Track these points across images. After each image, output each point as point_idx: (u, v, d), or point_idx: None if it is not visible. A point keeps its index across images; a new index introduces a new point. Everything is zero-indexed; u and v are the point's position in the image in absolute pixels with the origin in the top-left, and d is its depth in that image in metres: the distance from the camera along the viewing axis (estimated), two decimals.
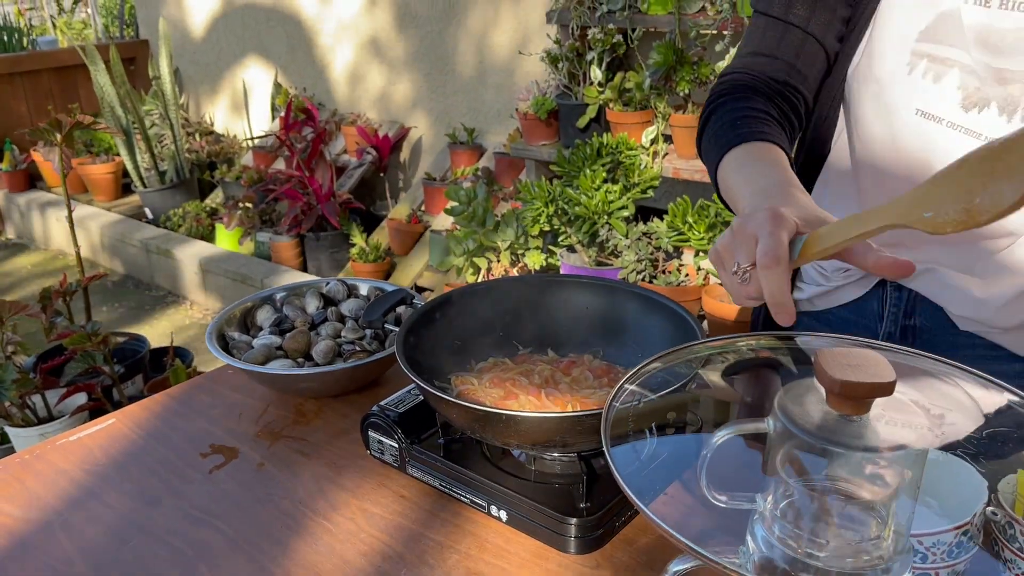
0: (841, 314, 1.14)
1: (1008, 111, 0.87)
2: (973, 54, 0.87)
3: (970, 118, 0.89)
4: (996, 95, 0.87)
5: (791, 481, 0.65)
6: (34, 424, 2.03)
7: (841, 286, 1.11)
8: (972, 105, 0.89)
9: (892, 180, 0.97)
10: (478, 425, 0.93)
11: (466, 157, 4.03)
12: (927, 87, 0.90)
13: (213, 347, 1.23)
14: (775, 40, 1.02)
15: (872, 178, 1.00)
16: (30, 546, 0.98)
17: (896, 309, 1.08)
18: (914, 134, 0.93)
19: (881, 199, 0.98)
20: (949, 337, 1.05)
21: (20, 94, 5.52)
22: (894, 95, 0.94)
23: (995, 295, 0.98)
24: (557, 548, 0.93)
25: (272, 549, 0.96)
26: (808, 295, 1.15)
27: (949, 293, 1.01)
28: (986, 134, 0.88)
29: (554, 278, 1.21)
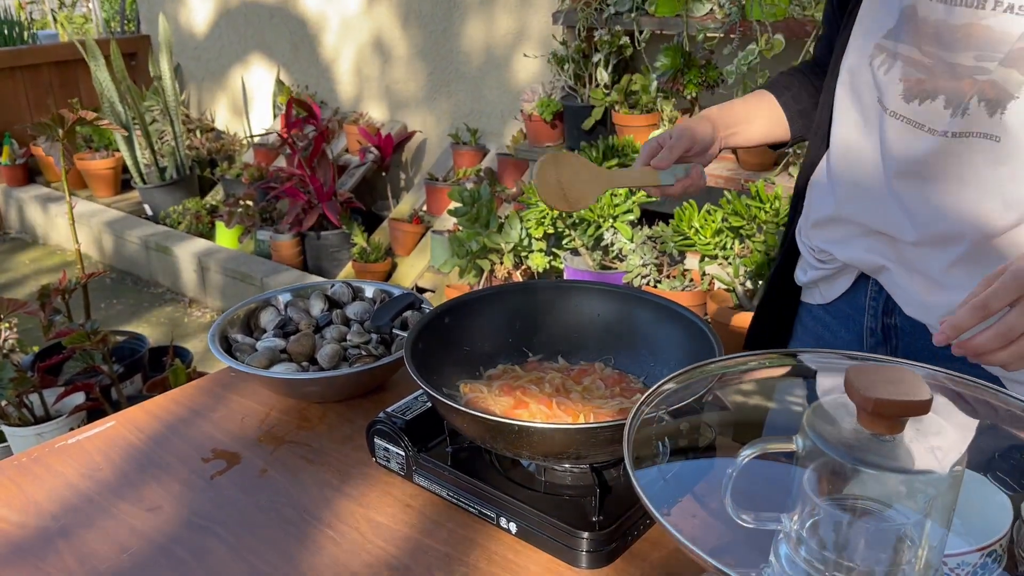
0: (842, 307, 1.15)
1: (954, 104, 0.90)
2: (926, 48, 0.91)
3: (911, 108, 0.93)
4: (945, 88, 0.90)
5: (819, 501, 0.62)
6: (31, 423, 2.01)
7: (834, 273, 1.12)
8: (914, 96, 0.93)
9: (848, 167, 1.04)
10: (489, 435, 0.91)
11: (469, 157, 4.01)
12: (880, 78, 0.97)
13: (216, 349, 1.21)
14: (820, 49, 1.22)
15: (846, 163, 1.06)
16: (27, 553, 0.96)
17: (876, 305, 1.09)
18: (874, 121, 1.00)
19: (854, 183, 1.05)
20: (928, 343, 1.03)
21: (20, 88, 5.49)
22: (860, 85, 1.01)
23: (941, 302, 0.99)
24: (568, 562, 0.91)
25: (275, 558, 0.94)
26: (812, 277, 1.16)
27: (900, 292, 1.04)
28: (928, 125, 0.92)
29: (565, 284, 1.19)
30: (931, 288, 1.00)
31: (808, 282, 1.18)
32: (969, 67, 0.89)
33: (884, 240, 1.03)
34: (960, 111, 0.90)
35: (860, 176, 1.04)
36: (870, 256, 1.05)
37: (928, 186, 0.96)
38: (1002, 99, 0.88)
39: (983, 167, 0.91)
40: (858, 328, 1.12)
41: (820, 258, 1.14)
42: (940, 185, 0.94)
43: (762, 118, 1.21)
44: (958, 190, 0.93)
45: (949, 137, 0.91)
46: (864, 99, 1.01)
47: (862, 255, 1.06)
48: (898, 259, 1.02)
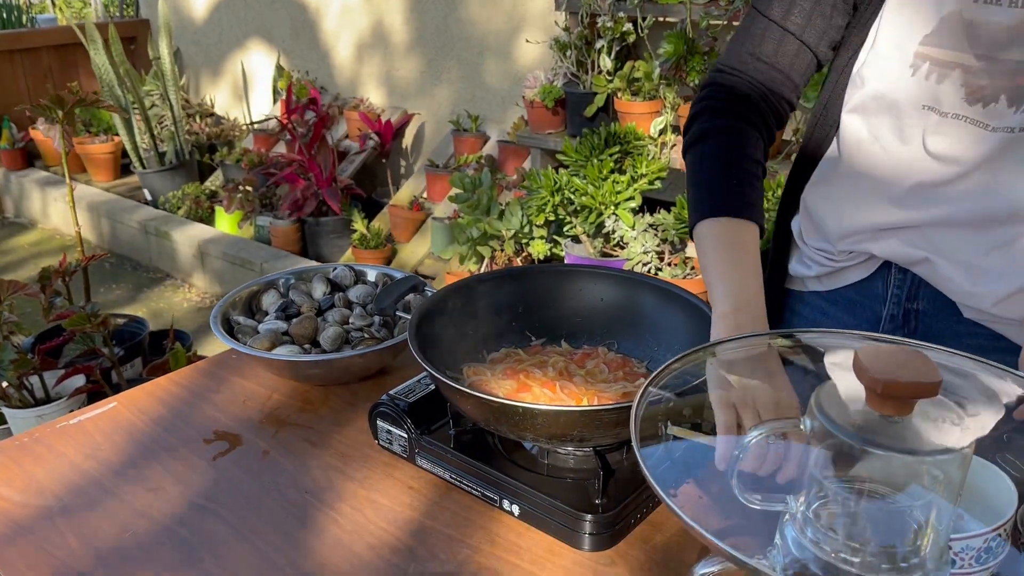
0: (847, 295, 1.14)
1: (1017, 102, 0.90)
2: (977, 52, 0.91)
3: (976, 110, 0.92)
4: (1004, 87, 0.90)
5: (826, 483, 0.62)
6: (31, 405, 2.00)
7: (847, 267, 1.11)
8: (977, 100, 0.92)
9: (899, 170, 1.00)
10: (493, 417, 0.91)
11: (469, 144, 3.99)
12: (931, 87, 0.94)
13: (218, 331, 1.21)
14: (773, 47, 1.06)
15: (880, 170, 1.03)
16: (28, 532, 0.95)
17: (900, 292, 1.08)
18: (920, 126, 0.97)
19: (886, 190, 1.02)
20: (951, 324, 1.05)
21: (19, 72, 5.46)
22: (899, 93, 0.97)
23: (990, 291, 0.99)
24: (571, 544, 0.91)
25: (278, 540, 0.94)
26: (816, 272, 1.15)
27: (946, 283, 1.03)
28: (993, 124, 0.92)
29: (568, 267, 1.18)
30: (975, 275, 1.00)
31: (810, 276, 1.17)
32: (1022, 62, 0.89)
33: (920, 233, 1.02)
34: (1020, 106, 0.90)
35: (885, 175, 1.01)
36: (908, 250, 1.04)
37: (980, 180, 0.96)
38: None
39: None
40: (867, 314, 1.11)
41: (835, 258, 1.12)
42: (993, 178, 0.95)
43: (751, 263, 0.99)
44: (1010, 183, 0.94)
45: (1016, 132, 0.91)
46: (904, 106, 0.98)
47: (900, 249, 1.04)
48: (935, 250, 1.02)
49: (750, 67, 1.07)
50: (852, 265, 1.11)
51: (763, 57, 1.07)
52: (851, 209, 1.07)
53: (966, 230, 0.99)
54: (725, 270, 0.96)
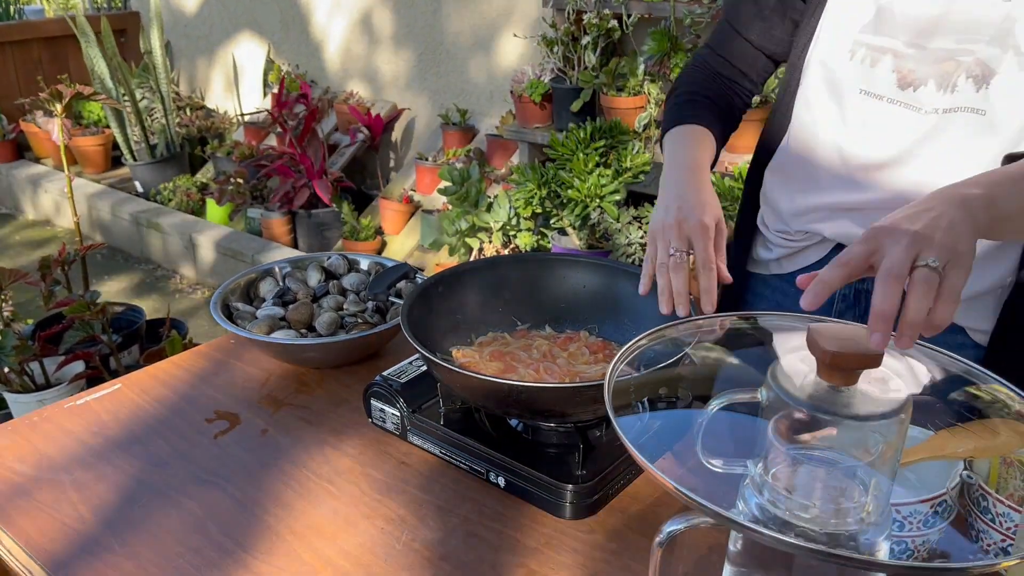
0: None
1: (944, 86, 0.99)
2: (908, 40, 1.01)
3: (907, 95, 1.02)
4: (933, 73, 1.00)
5: (781, 448, 0.69)
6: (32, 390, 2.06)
7: (804, 247, 1.19)
8: (907, 84, 1.02)
9: (842, 152, 1.10)
10: (481, 395, 0.97)
11: (458, 138, 4.05)
12: (866, 71, 1.05)
13: (218, 316, 1.26)
14: (730, 47, 1.26)
15: (824, 152, 1.13)
16: (42, 503, 1.01)
17: None
18: (859, 110, 1.07)
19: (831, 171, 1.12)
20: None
21: (9, 64, 5.47)
22: (840, 77, 1.07)
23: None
24: (553, 513, 0.97)
25: (278, 510, 1.00)
26: (776, 255, 1.23)
27: None
28: (924, 107, 1.01)
29: (553, 256, 1.25)
30: None
31: (772, 259, 1.25)
32: (952, 49, 0.98)
33: (866, 215, 1.10)
34: (949, 89, 0.99)
35: (834, 158, 1.11)
36: (856, 231, 1.11)
37: (919, 162, 1.04)
38: (987, 75, 0.97)
39: (971, 139, 1.00)
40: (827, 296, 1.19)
41: (793, 238, 1.20)
42: (931, 159, 1.03)
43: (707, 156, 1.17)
44: (946, 163, 1.02)
45: (940, 114, 1.00)
46: (844, 90, 1.07)
47: (849, 230, 1.12)
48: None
49: (711, 60, 1.28)
50: (809, 246, 1.19)
51: (722, 53, 1.26)
52: (802, 192, 1.16)
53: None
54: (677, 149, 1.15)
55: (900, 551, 0.86)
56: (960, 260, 0.70)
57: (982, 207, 0.75)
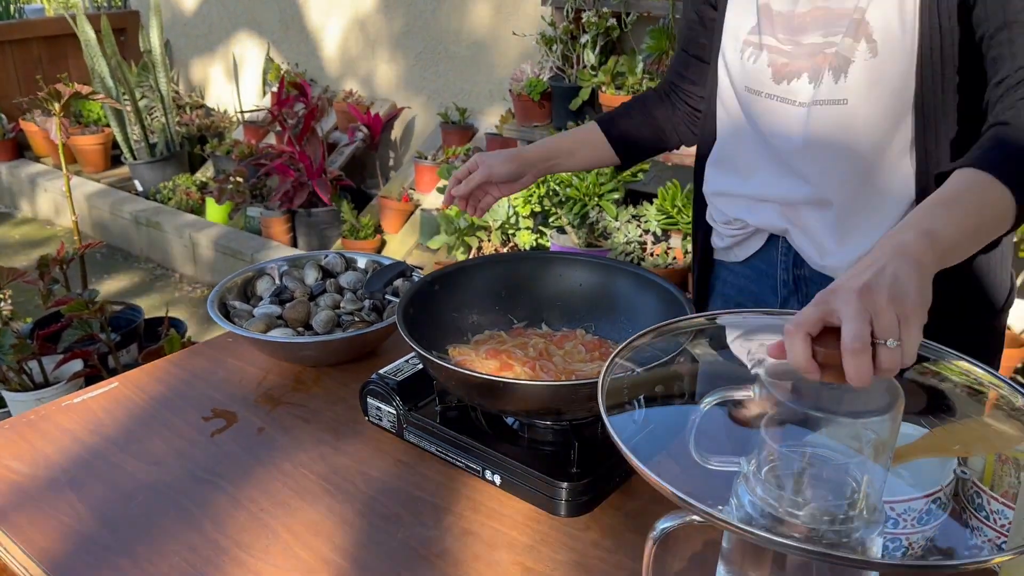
0: (755, 263, 1.27)
1: (815, 78, 1.05)
2: (782, 36, 1.08)
3: (782, 88, 1.08)
4: (806, 67, 1.06)
5: (774, 445, 0.69)
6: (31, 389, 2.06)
7: (748, 236, 1.25)
8: (782, 78, 1.08)
9: (733, 143, 1.20)
10: (476, 393, 0.97)
11: (458, 137, 4.05)
12: (749, 67, 1.12)
13: (215, 315, 1.27)
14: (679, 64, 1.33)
15: (728, 146, 1.22)
16: (39, 501, 1.01)
17: (787, 259, 1.22)
18: (745, 106, 1.15)
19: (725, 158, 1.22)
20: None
21: (8, 63, 5.47)
22: (733, 77, 1.15)
23: (836, 266, 1.13)
24: (548, 511, 0.98)
25: (275, 508, 1.00)
26: (727, 244, 1.29)
27: (803, 251, 1.18)
28: (798, 99, 1.07)
29: (549, 255, 1.25)
30: (822, 251, 1.14)
31: (725, 247, 1.30)
32: (820, 44, 1.04)
33: (779, 207, 1.17)
34: (817, 82, 1.05)
35: (748, 153, 1.18)
36: (774, 220, 1.18)
37: (801, 155, 1.10)
38: (844, 66, 1.03)
39: (837, 131, 1.06)
40: (772, 281, 1.25)
41: (734, 225, 1.25)
42: (810, 153, 1.09)
43: (586, 150, 1.35)
44: (821, 156, 1.08)
45: (811, 106, 1.06)
46: (740, 87, 1.14)
47: (769, 219, 1.19)
48: (793, 222, 1.16)
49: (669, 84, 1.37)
50: (751, 235, 1.24)
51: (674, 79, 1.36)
52: (729, 184, 1.23)
53: (805, 207, 1.13)
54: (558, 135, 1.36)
55: (894, 548, 0.86)
56: (911, 314, 0.69)
57: (923, 249, 0.75)
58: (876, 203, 1.08)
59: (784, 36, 1.08)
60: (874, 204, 1.08)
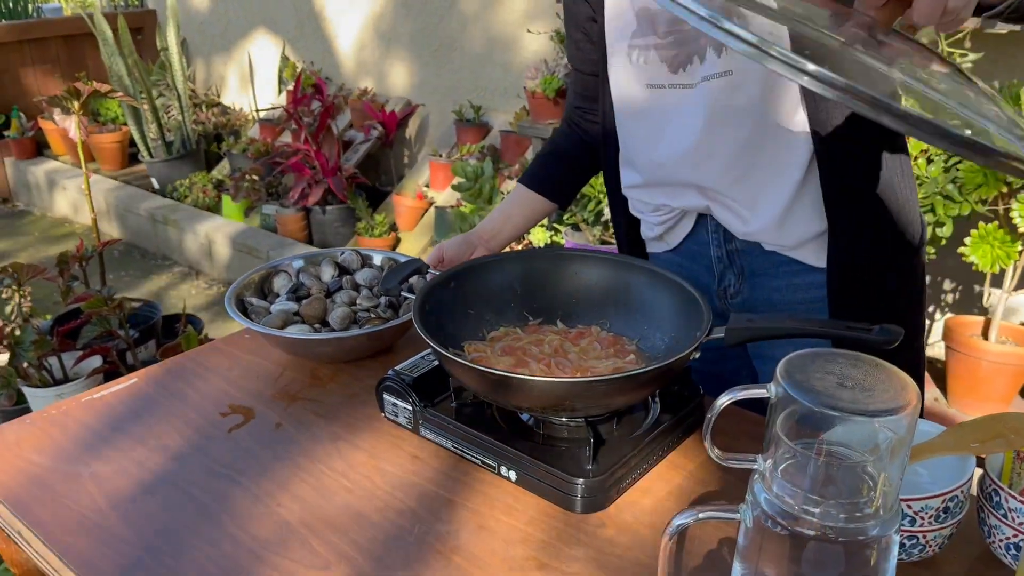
0: (688, 247, 1.32)
1: (701, 57, 1.12)
2: (664, 30, 1.14)
3: (680, 76, 1.15)
4: (694, 50, 1.12)
5: (790, 443, 0.69)
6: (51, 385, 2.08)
7: (676, 221, 1.30)
8: (678, 67, 1.14)
9: (640, 140, 1.25)
10: (492, 389, 0.98)
11: (472, 134, 4.06)
12: (643, 67, 1.18)
13: (233, 311, 1.28)
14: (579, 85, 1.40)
15: (628, 141, 1.28)
16: (59, 494, 1.03)
17: (717, 235, 1.26)
18: (648, 101, 1.20)
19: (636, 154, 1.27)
20: (762, 257, 1.24)
21: (28, 62, 5.53)
22: (629, 78, 1.21)
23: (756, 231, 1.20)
24: (564, 507, 0.98)
25: (292, 503, 1.01)
26: (658, 232, 1.34)
27: (730, 226, 1.23)
28: (695, 81, 1.13)
29: (565, 251, 1.25)
30: (743, 220, 1.20)
31: (654, 236, 1.35)
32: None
33: (695, 188, 1.22)
34: (701, 60, 1.12)
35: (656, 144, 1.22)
36: (695, 200, 1.23)
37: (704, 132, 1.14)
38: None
39: (729, 101, 1.11)
40: (705, 260, 1.30)
41: (661, 211, 1.29)
42: (709, 127, 1.14)
43: (517, 213, 1.46)
44: (720, 129, 1.13)
45: (700, 82, 1.11)
46: (640, 86, 1.20)
47: (690, 201, 1.24)
48: (711, 199, 1.21)
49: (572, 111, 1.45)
50: (680, 218, 1.28)
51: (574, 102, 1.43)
52: (643, 178, 1.27)
53: (717, 181, 1.18)
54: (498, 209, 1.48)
55: (911, 546, 0.86)
56: None
57: None
58: (778, 163, 1.14)
59: (665, 30, 1.14)
60: (776, 164, 1.14)
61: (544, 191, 1.45)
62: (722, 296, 1.30)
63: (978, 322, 2.62)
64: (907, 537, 0.85)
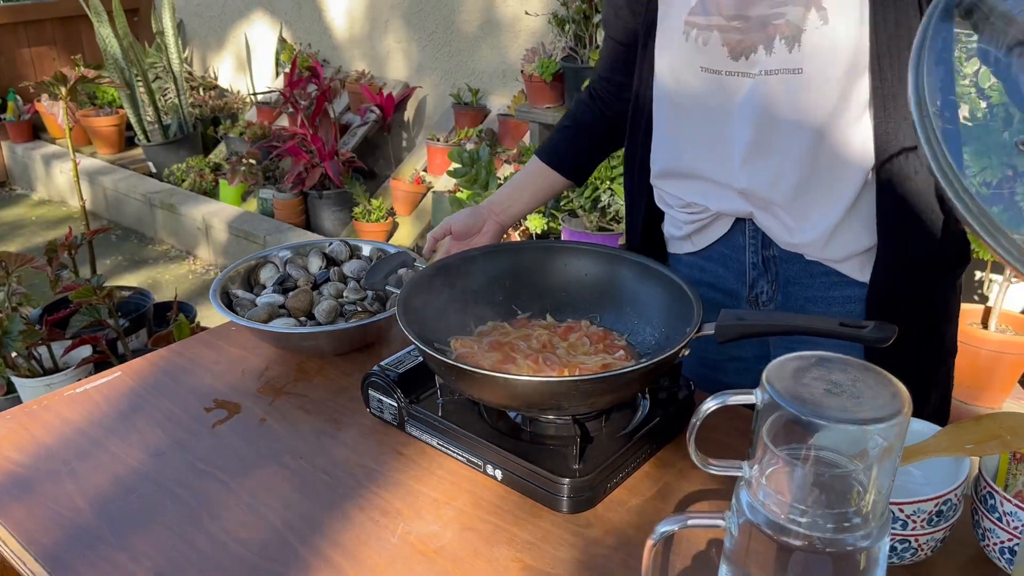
0: (718, 249, 1.26)
1: (767, 48, 1.05)
2: (730, 14, 1.07)
3: (740, 64, 1.08)
4: (760, 39, 1.05)
5: (776, 450, 0.67)
6: (40, 375, 2.06)
7: (711, 220, 1.23)
8: (739, 54, 1.07)
9: (682, 127, 1.18)
10: (477, 388, 0.95)
11: (470, 118, 4.02)
12: (700, 49, 1.10)
13: (217, 304, 1.25)
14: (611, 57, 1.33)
15: (666, 127, 1.21)
16: (37, 493, 1.01)
17: (755, 241, 1.21)
18: (701, 86, 1.13)
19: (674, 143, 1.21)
20: (803, 267, 1.18)
21: (23, 44, 5.48)
22: (680, 58, 1.14)
23: (804, 242, 1.14)
24: (550, 507, 0.96)
25: (273, 502, 0.99)
26: (685, 232, 1.27)
27: (773, 234, 1.17)
28: (756, 71, 1.07)
29: (554, 244, 1.23)
30: (790, 230, 1.14)
31: (681, 236, 1.28)
32: (768, 15, 1.04)
33: (739, 190, 1.15)
34: (769, 51, 1.05)
35: (700, 135, 1.16)
36: (736, 204, 1.17)
37: (759, 129, 1.09)
38: (796, 34, 1.03)
39: (792, 101, 1.06)
40: (737, 265, 1.24)
41: (692, 209, 1.23)
42: (766, 126, 1.08)
43: (531, 187, 1.40)
44: (777, 129, 1.08)
45: (764, 75, 1.06)
46: (693, 68, 1.13)
47: (731, 204, 1.18)
48: (756, 205, 1.15)
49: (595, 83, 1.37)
50: (713, 220, 1.22)
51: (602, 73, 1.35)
52: (678, 167, 1.21)
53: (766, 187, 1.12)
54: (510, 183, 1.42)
55: (903, 550, 0.84)
56: None
57: None
58: (836, 172, 1.08)
59: (731, 11, 1.07)
60: (834, 174, 1.09)
61: (560, 167, 1.38)
62: (753, 304, 1.25)
63: (978, 310, 2.59)
64: (899, 541, 0.84)
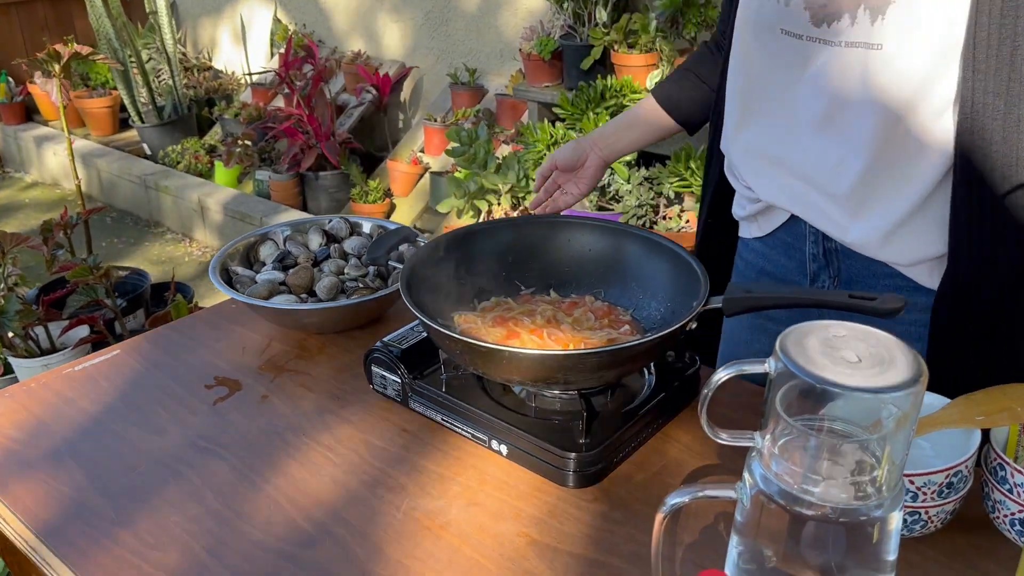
0: (781, 236, 1.19)
1: (852, 17, 0.97)
2: None
3: (822, 31, 1.00)
4: (847, 7, 0.97)
5: (790, 420, 0.66)
6: (37, 355, 2.05)
7: (766, 207, 1.17)
8: (821, 20, 0.99)
9: (760, 91, 1.12)
10: (481, 362, 0.94)
11: (467, 98, 3.99)
12: (783, 9, 1.03)
13: (217, 281, 1.24)
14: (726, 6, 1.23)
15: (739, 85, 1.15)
16: (39, 472, 1.00)
17: (816, 231, 1.13)
18: (781, 49, 1.06)
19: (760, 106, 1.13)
20: (866, 264, 1.10)
21: (15, 25, 5.43)
22: (762, 20, 1.07)
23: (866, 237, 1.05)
24: (556, 482, 0.95)
25: (277, 478, 0.98)
26: (749, 211, 1.21)
27: (831, 231, 1.09)
28: (838, 40, 0.99)
29: (558, 219, 1.21)
30: (843, 227, 1.07)
31: (746, 216, 1.23)
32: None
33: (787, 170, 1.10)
34: (852, 21, 0.97)
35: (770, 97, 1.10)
36: (783, 189, 1.12)
37: (830, 104, 1.02)
38: (882, 7, 0.94)
39: (868, 76, 0.97)
40: (799, 256, 1.17)
41: (749, 196, 1.19)
42: (837, 102, 1.01)
43: (640, 124, 1.35)
44: (848, 106, 1.00)
45: (844, 47, 0.98)
46: (774, 29, 1.06)
47: (776, 191, 1.13)
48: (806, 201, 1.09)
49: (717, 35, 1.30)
50: (770, 206, 1.16)
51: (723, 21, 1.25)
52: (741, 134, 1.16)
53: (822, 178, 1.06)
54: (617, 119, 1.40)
55: (913, 522, 0.84)
56: None
57: None
58: (906, 167, 0.99)
59: None
60: (904, 168, 1.00)
61: (672, 109, 1.32)
62: None
63: None
64: (909, 513, 0.83)
